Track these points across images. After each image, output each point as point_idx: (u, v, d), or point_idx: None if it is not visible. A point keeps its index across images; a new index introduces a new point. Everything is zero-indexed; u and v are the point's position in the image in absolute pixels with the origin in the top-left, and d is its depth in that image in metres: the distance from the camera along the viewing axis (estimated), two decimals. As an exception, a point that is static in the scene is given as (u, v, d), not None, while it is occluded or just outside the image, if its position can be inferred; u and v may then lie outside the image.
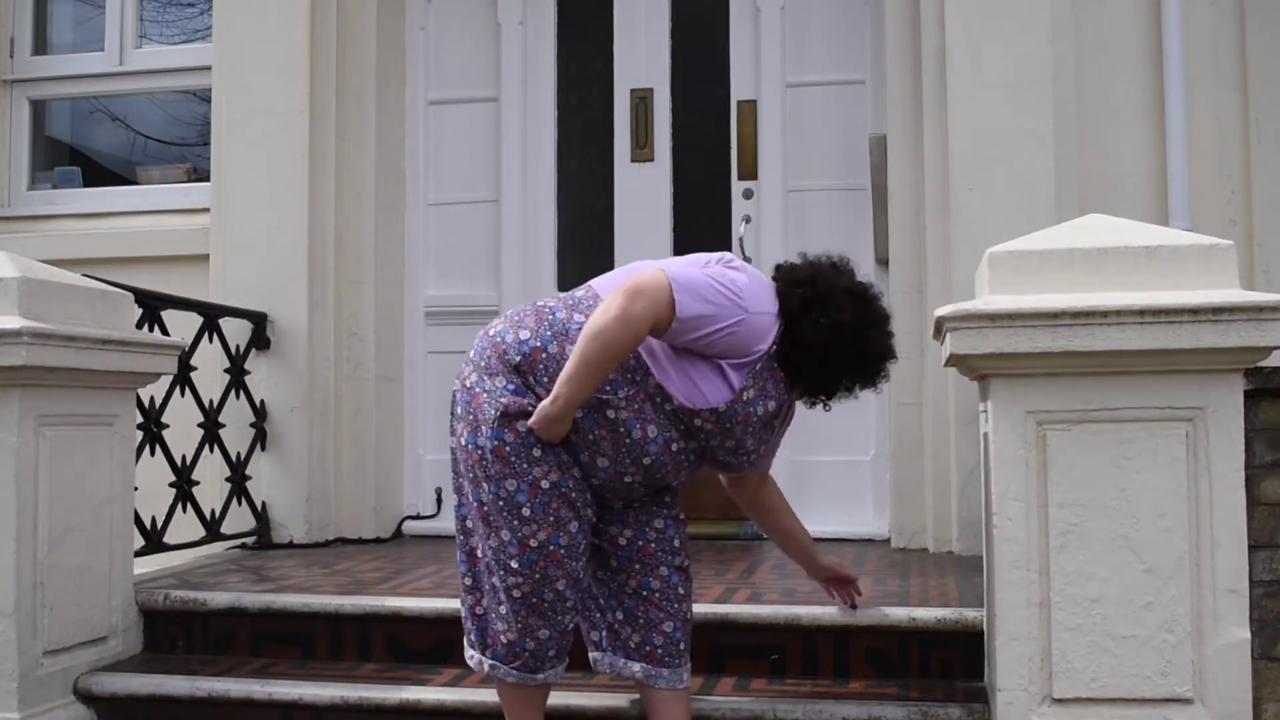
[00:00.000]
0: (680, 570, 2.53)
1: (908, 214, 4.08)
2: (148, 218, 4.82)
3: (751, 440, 2.45)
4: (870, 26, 4.40)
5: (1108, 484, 2.40)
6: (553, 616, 2.38)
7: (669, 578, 2.50)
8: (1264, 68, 3.98)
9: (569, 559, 2.35)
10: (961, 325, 2.41)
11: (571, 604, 2.40)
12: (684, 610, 2.52)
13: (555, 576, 2.34)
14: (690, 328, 2.28)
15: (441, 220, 4.74)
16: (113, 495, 3.15)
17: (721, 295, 2.31)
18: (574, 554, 2.36)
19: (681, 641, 2.51)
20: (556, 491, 2.33)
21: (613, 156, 4.62)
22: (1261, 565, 2.53)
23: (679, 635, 2.51)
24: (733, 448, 2.43)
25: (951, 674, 2.83)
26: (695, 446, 2.43)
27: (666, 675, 2.50)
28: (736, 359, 2.35)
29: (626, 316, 2.22)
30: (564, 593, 2.37)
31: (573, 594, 2.39)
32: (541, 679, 2.46)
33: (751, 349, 2.35)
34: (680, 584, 2.52)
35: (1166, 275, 2.41)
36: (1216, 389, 2.38)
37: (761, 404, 2.41)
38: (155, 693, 2.95)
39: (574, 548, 2.35)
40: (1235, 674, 2.36)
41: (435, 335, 4.72)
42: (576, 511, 2.35)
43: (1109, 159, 4.02)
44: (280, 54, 4.35)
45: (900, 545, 4.04)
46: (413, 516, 4.65)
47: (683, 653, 2.52)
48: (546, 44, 4.70)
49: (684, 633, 2.52)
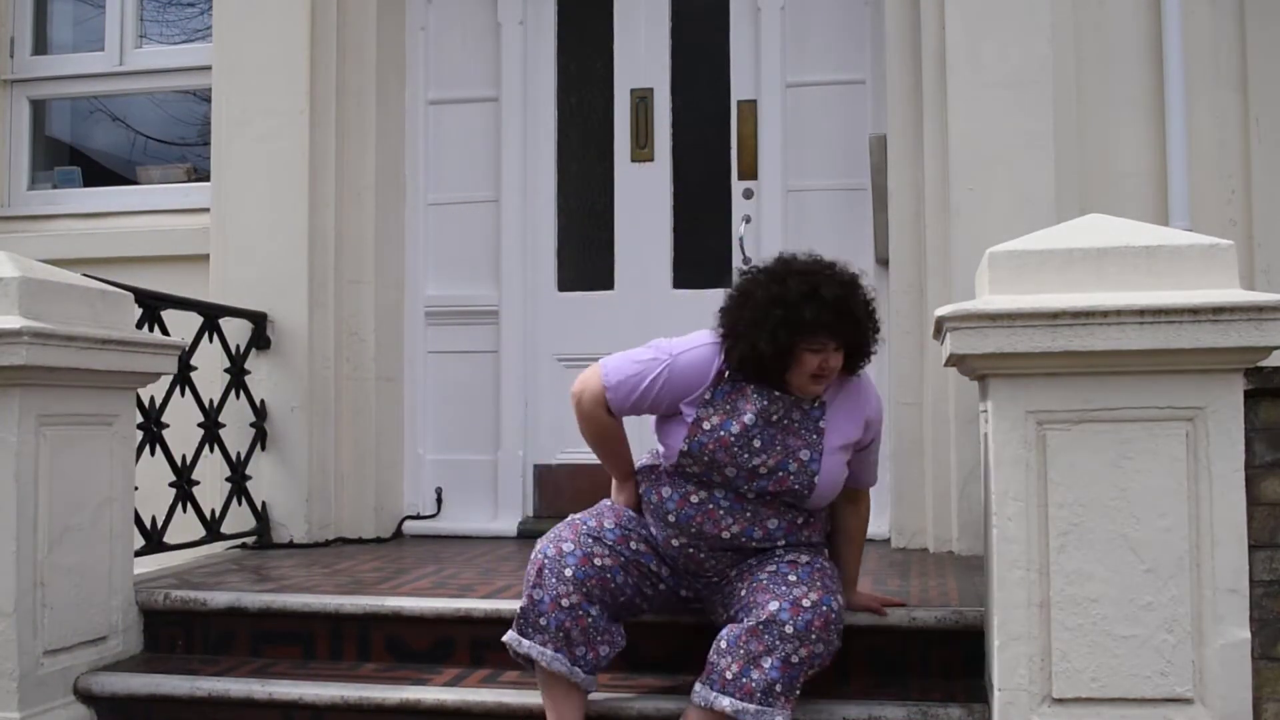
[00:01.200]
0: (795, 606, 2.42)
1: (908, 214, 4.08)
2: (148, 218, 4.82)
3: (756, 458, 2.55)
4: (870, 26, 4.41)
5: (1108, 484, 2.40)
6: (548, 579, 2.55)
7: (777, 612, 2.42)
8: (1264, 67, 3.97)
9: (587, 537, 2.61)
10: (961, 325, 2.41)
11: (571, 574, 2.54)
12: (787, 650, 2.40)
13: (564, 537, 2.61)
14: (627, 392, 2.62)
15: (441, 220, 4.74)
16: (113, 495, 3.15)
17: (646, 354, 2.64)
18: (595, 535, 2.61)
19: (778, 683, 2.39)
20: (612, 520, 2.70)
21: (613, 156, 4.62)
22: (1261, 565, 2.53)
23: (775, 674, 2.39)
24: (742, 473, 2.57)
25: (951, 674, 2.83)
26: (722, 493, 2.59)
27: (753, 712, 2.38)
28: (688, 399, 2.59)
29: (579, 413, 2.70)
30: (566, 556, 2.57)
31: (575, 564, 2.55)
32: (538, 654, 2.52)
33: (694, 386, 2.59)
34: (789, 620, 2.41)
35: (1166, 275, 2.41)
36: (1216, 389, 2.38)
37: (735, 422, 2.56)
38: (155, 692, 2.95)
39: (598, 531, 2.63)
40: (1235, 674, 2.36)
41: (435, 335, 4.72)
42: (611, 533, 2.65)
43: (1109, 159, 4.02)
44: (280, 54, 4.35)
45: (900, 545, 4.04)
46: (413, 516, 4.65)
47: (778, 695, 2.39)
48: (546, 44, 4.70)
49: (781, 673, 2.39)
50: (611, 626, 2.62)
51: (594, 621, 2.57)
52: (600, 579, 2.59)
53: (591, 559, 2.60)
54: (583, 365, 4.46)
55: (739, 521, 2.59)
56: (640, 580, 2.67)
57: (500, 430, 4.62)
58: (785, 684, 2.39)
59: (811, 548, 2.67)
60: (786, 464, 2.56)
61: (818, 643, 2.43)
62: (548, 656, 2.53)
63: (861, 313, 2.57)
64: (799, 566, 2.55)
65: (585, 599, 2.56)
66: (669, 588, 2.72)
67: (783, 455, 2.57)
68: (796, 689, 2.43)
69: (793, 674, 2.40)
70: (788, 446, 2.57)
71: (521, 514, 4.59)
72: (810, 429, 2.60)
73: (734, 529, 2.59)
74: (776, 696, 2.39)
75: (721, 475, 2.57)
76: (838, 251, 4.34)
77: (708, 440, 2.55)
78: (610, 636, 2.61)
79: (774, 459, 2.56)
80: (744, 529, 2.59)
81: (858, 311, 2.55)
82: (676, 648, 2.85)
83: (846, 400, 2.65)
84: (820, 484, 2.58)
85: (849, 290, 2.55)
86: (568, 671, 2.54)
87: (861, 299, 2.58)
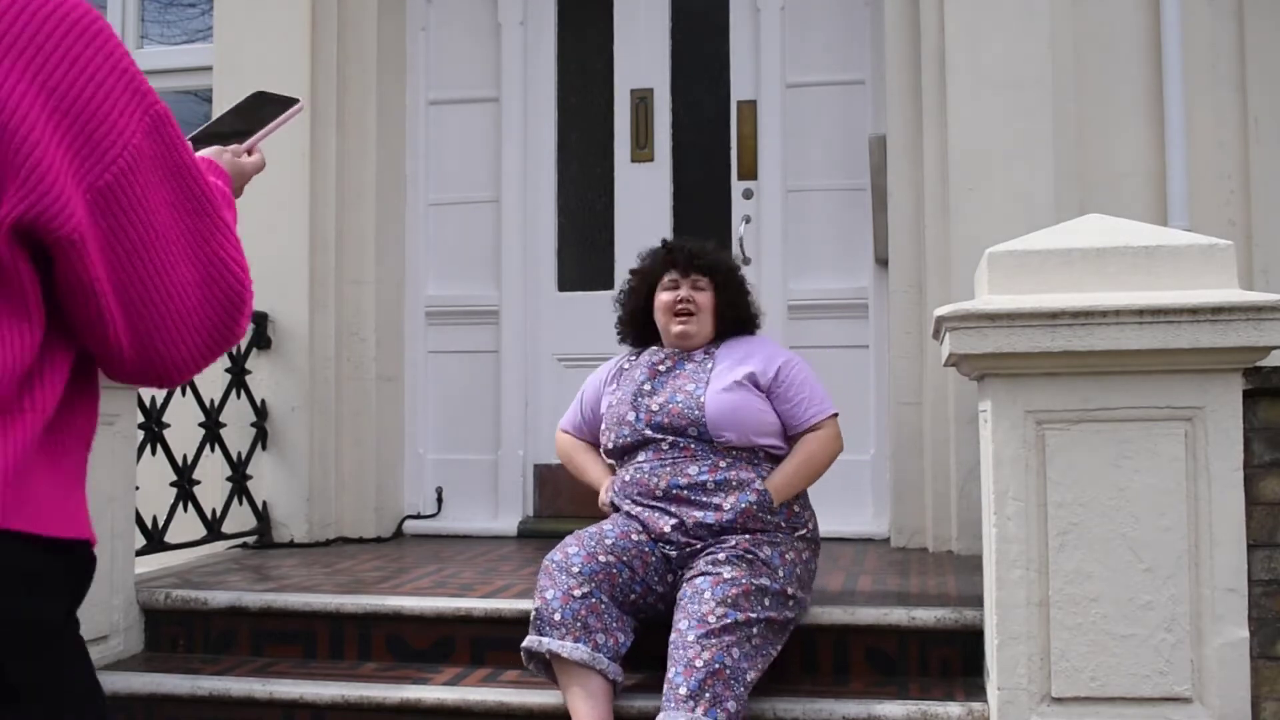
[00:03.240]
0: (689, 667, 2.44)
1: (907, 214, 4.09)
2: (148, 218, 4.81)
3: (650, 399, 2.86)
4: (870, 27, 4.41)
5: (1107, 483, 2.40)
6: (557, 576, 2.62)
7: (684, 630, 2.50)
8: (1263, 67, 3.98)
9: (590, 540, 2.70)
10: (961, 325, 2.41)
11: (579, 569, 2.61)
12: (688, 656, 2.46)
13: (569, 543, 2.71)
14: (571, 416, 3.15)
15: (442, 220, 4.75)
16: (114, 494, 3.16)
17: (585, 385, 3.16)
18: (597, 538, 2.71)
19: (681, 686, 2.42)
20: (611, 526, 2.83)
21: (613, 156, 4.62)
22: (1260, 564, 2.53)
23: (679, 680, 2.44)
24: (641, 415, 2.86)
25: (951, 673, 2.84)
26: (644, 456, 2.84)
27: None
28: (603, 393, 3.05)
29: (560, 455, 3.20)
30: (572, 557, 2.65)
31: (580, 561, 2.63)
32: (558, 646, 2.52)
33: (601, 382, 3.08)
34: (691, 635, 2.49)
35: (1166, 275, 2.42)
36: (1215, 389, 2.39)
37: (631, 383, 2.94)
38: (156, 692, 2.96)
39: (598, 534, 2.73)
40: (1234, 673, 2.36)
41: (436, 335, 4.72)
42: (614, 535, 2.75)
43: (1108, 159, 4.02)
44: (281, 54, 4.35)
45: (900, 545, 4.05)
46: (413, 516, 4.65)
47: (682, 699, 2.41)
48: (546, 44, 4.71)
49: (684, 678, 2.43)
50: (624, 617, 2.65)
51: (607, 608, 2.60)
52: (607, 574, 2.63)
53: (596, 556, 2.65)
54: (583, 364, 4.50)
55: (663, 476, 2.79)
56: (648, 574, 2.70)
57: (500, 430, 4.63)
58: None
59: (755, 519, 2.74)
60: (674, 397, 2.84)
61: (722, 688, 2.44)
62: (568, 648, 2.53)
63: (711, 258, 3.00)
64: (722, 583, 2.56)
65: (596, 588, 2.60)
66: (676, 581, 2.73)
67: (671, 392, 2.86)
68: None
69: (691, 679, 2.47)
70: (676, 385, 2.88)
71: (522, 514, 4.59)
72: (700, 371, 2.90)
73: (662, 483, 2.78)
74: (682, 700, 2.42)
75: (628, 426, 2.85)
76: (838, 251, 4.42)
77: (615, 406, 2.93)
78: (624, 626, 2.64)
79: (663, 396, 2.86)
80: (669, 480, 2.77)
81: (704, 255, 2.99)
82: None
83: (735, 351, 2.95)
84: (709, 407, 2.78)
85: (696, 243, 3.05)
86: (590, 659, 2.52)
87: (713, 251, 3.03)
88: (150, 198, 1.05)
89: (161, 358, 1.10)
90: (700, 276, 2.98)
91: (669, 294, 2.97)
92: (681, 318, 2.94)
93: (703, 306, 2.96)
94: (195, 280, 1.09)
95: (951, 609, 2.87)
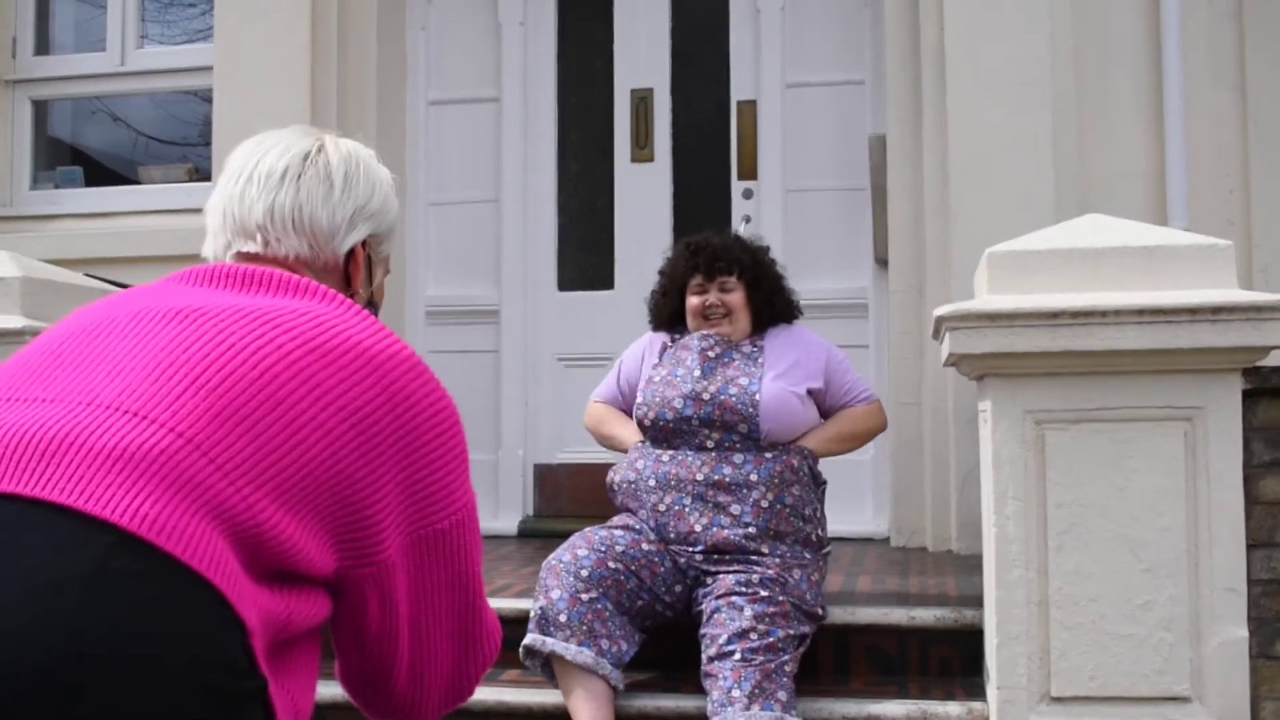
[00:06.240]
0: (742, 638, 2.53)
1: (907, 214, 4.09)
2: (149, 217, 4.81)
3: (698, 385, 2.80)
4: (870, 27, 4.41)
5: (1106, 483, 2.40)
6: (565, 577, 2.60)
7: (724, 643, 2.54)
8: (1262, 68, 3.98)
9: (600, 544, 2.68)
10: (961, 325, 2.42)
11: (587, 574, 2.59)
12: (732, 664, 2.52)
13: (578, 545, 2.69)
14: (605, 388, 3.09)
15: (442, 220, 4.75)
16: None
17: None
18: (608, 544, 2.68)
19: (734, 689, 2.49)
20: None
21: (613, 156, 4.62)
22: (1259, 564, 2.53)
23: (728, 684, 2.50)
24: (689, 402, 2.79)
25: (950, 672, 2.84)
26: (686, 446, 2.79)
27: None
28: (644, 366, 3.00)
29: (588, 424, 3.12)
30: (581, 559, 2.63)
31: (590, 565, 2.61)
32: (562, 649, 2.51)
33: (641, 358, 3.03)
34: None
35: (1165, 275, 2.42)
36: (1215, 389, 2.39)
37: (680, 366, 2.87)
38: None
39: (609, 539, 2.70)
40: (1233, 672, 2.37)
41: (435, 335, 4.72)
42: (625, 540, 2.73)
43: (1108, 159, 4.02)
44: (281, 54, 4.35)
45: (899, 544, 4.05)
46: (413, 516, 4.65)
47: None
48: (546, 44, 4.71)
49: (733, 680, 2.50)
50: (629, 625, 2.65)
51: (612, 616, 2.59)
52: (615, 580, 2.62)
53: (605, 562, 2.64)
54: (582, 364, 4.51)
55: (707, 463, 2.76)
56: (655, 583, 2.69)
57: (500, 430, 4.63)
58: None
59: (790, 513, 2.75)
60: (727, 389, 2.79)
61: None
62: (572, 650, 2.52)
63: (735, 256, 2.93)
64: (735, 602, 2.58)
65: (603, 594, 2.59)
66: (684, 590, 2.74)
67: (723, 382, 2.81)
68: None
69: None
70: (728, 376, 2.83)
71: (522, 513, 4.60)
72: (750, 364, 2.86)
73: (705, 470, 2.75)
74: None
75: (673, 411, 2.79)
76: (837, 251, 4.42)
77: (660, 384, 2.86)
78: (629, 634, 2.63)
79: (715, 385, 2.80)
80: (713, 467, 2.74)
81: (727, 255, 2.93)
82: (676, 647, 2.85)
83: (780, 343, 2.94)
84: (765, 403, 2.76)
85: (720, 240, 2.99)
86: (594, 663, 2.52)
87: (737, 248, 2.97)
88: (449, 560, 1.31)
89: (424, 692, 1.39)
90: (727, 278, 2.94)
91: (697, 299, 2.96)
92: (713, 321, 2.95)
93: (734, 307, 2.94)
94: (459, 636, 1.39)
95: (951, 609, 2.88)
